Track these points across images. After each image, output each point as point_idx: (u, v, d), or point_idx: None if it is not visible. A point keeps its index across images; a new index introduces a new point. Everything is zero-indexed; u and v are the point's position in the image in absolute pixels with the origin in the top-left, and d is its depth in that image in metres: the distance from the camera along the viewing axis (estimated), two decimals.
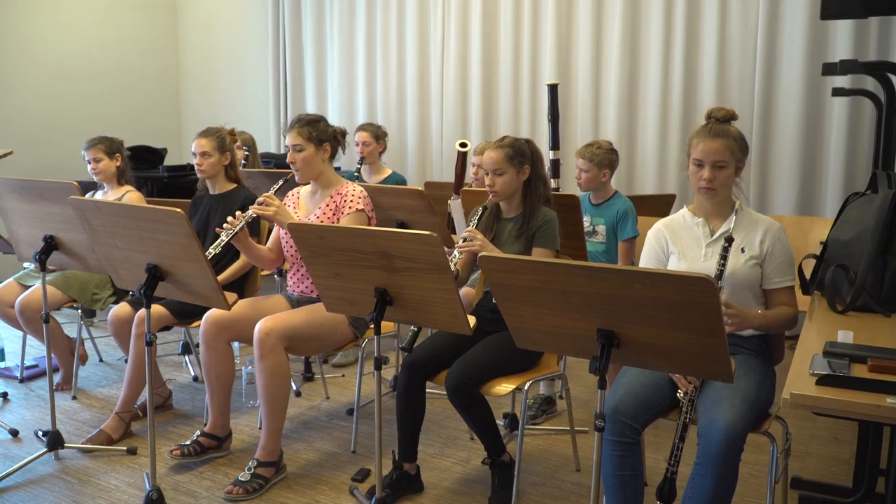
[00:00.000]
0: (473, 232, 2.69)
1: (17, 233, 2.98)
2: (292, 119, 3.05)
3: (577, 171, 3.58)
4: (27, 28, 6.18)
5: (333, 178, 3.09)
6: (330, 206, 3.02)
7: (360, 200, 2.98)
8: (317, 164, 3.01)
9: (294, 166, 2.99)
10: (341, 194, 3.01)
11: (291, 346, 2.79)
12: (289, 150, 2.98)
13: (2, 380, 3.98)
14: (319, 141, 2.98)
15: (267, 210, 2.77)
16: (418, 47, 6.02)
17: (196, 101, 7.37)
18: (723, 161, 2.26)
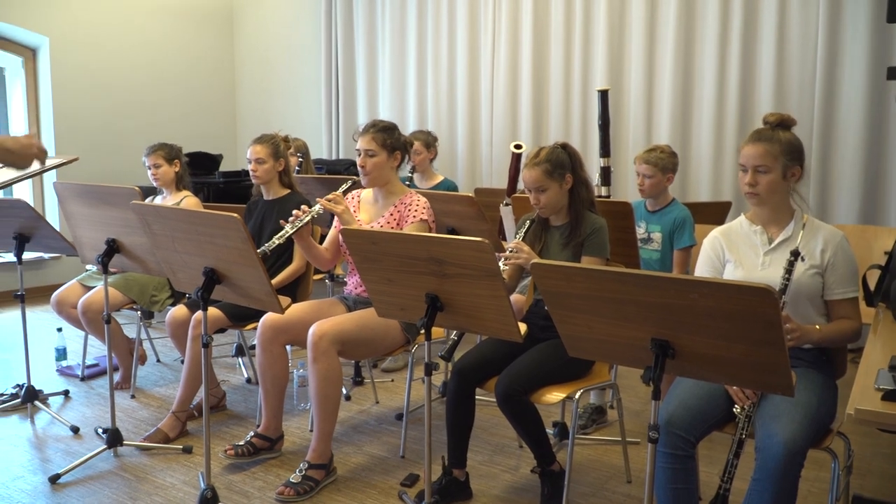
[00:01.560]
0: (519, 244, 2.67)
1: (80, 236, 3.08)
2: (366, 123, 3.07)
3: (639, 177, 3.50)
4: (92, 39, 6.40)
5: (398, 187, 3.11)
6: (394, 214, 3.04)
7: (423, 210, 3.00)
8: (386, 170, 3.03)
9: (363, 170, 3.01)
10: (405, 203, 3.03)
11: (344, 350, 2.81)
12: (360, 154, 3.00)
13: (64, 378, 4.11)
14: (392, 148, 3.01)
15: (336, 207, 2.81)
16: (469, 53, 6.04)
17: (251, 108, 7.52)
18: (764, 165, 2.22)
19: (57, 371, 4.19)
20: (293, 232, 2.84)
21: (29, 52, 6.29)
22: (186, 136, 6.15)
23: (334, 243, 3.15)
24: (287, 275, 3.43)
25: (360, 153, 3.01)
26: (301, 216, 2.85)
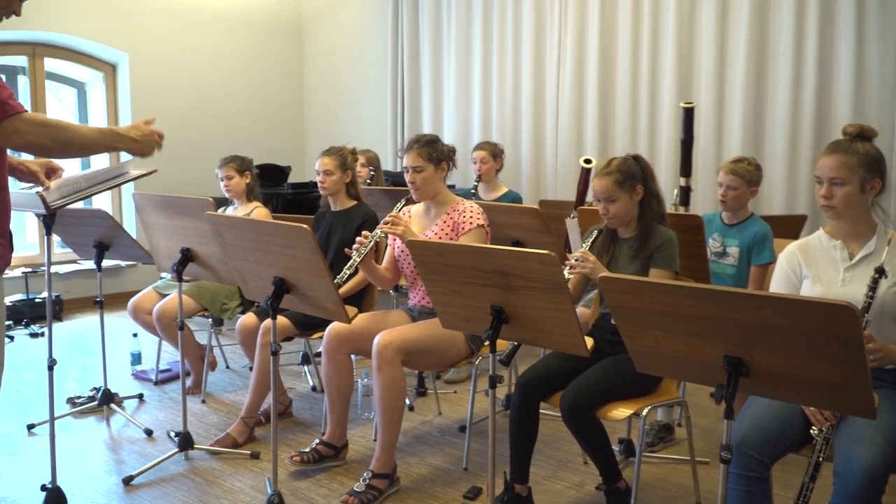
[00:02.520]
0: (586, 254, 2.64)
1: (157, 245, 3.19)
2: (410, 140, 3.12)
3: (721, 188, 3.39)
4: (168, 55, 6.65)
5: (448, 196, 3.14)
6: (447, 222, 3.06)
7: (479, 216, 3.02)
8: (435, 183, 3.07)
9: (413, 186, 3.06)
10: (458, 211, 3.05)
11: (409, 359, 2.83)
12: (408, 171, 3.04)
13: (138, 382, 4.25)
14: (438, 161, 3.05)
15: (395, 229, 2.83)
16: (534, 65, 6.02)
17: (318, 121, 7.67)
18: (839, 178, 2.14)
19: (132, 375, 4.34)
20: (360, 261, 2.90)
21: (109, 68, 6.57)
22: (256, 149, 6.31)
23: (392, 262, 3.19)
24: (353, 284, 3.48)
25: (407, 170, 3.06)
26: (364, 242, 2.90)
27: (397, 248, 3.14)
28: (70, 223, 3.39)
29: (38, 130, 2.04)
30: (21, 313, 5.57)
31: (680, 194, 3.78)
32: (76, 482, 2.98)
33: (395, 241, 3.16)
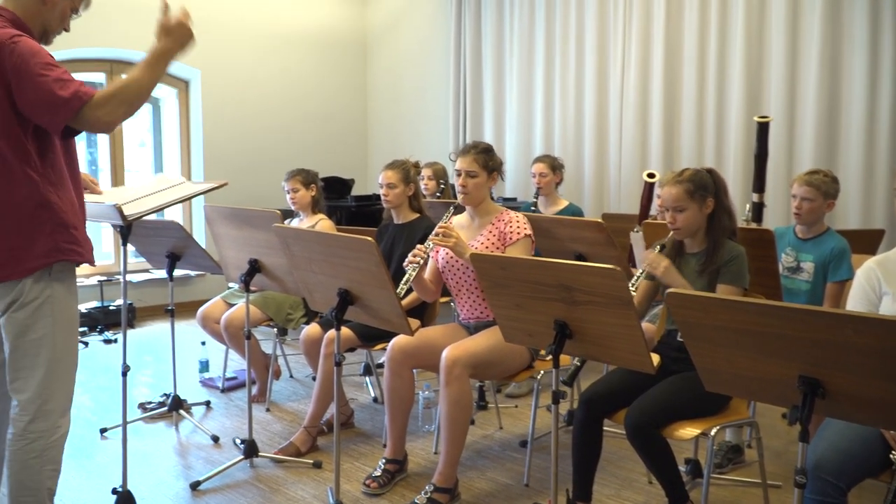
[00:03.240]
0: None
1: (226, 256, 3.27)
2: (466, 145, 3.12)
3: (795, 200, 3.28)
4: (238, 71, 6.84)
5: (492, 206, 3.14)
6: (493, 232, 3.05)
7: (525, 226, 3.02)
8: (485, 191, 3.08)
9: (463, 190, 3.05)
10: (503, 221, 3.04)
11: (475, 372, 2.84)
12: (460, 175, 3.05)
13: (206, 389, 4.36)
14: (491, 169, 3.06)
15: (447, 241, 2.83)
16: (597, 77, 5.98)
17: (381, 135, 7.77)
18: None
19: (200, 382, 4.45)
20: (415, 275, 2.92)
21: (182, 84, 6.80)
22: (321, 162, 6.41)
23: (436, 273, 3.18)
24: (415, 297, 3.49)
25: (459, 174, 3.06)
26: (420, 255, 2.91)
27: (441, 260, 3.14)
28: (144, 234, 3.50)
29: (113, 106, 2.09)
30: (96, 320, 5.78)
31: (752, 210, 3.68)
32: (145, 486, 3.06)
33: (438, 252, 3.15)
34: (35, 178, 2.13)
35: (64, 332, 2.26)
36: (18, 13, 2.17)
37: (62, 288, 2.24)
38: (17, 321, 2.20)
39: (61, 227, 2.18)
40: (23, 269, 2.16)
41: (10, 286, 2.18)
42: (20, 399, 2.23)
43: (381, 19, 7.71)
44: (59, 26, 2.28)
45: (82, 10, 2.34)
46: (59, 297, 2.23)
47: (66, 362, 2.28)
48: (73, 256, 2.21)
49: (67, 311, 2.27)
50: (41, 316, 2.20)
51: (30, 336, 2.20)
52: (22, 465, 2.23)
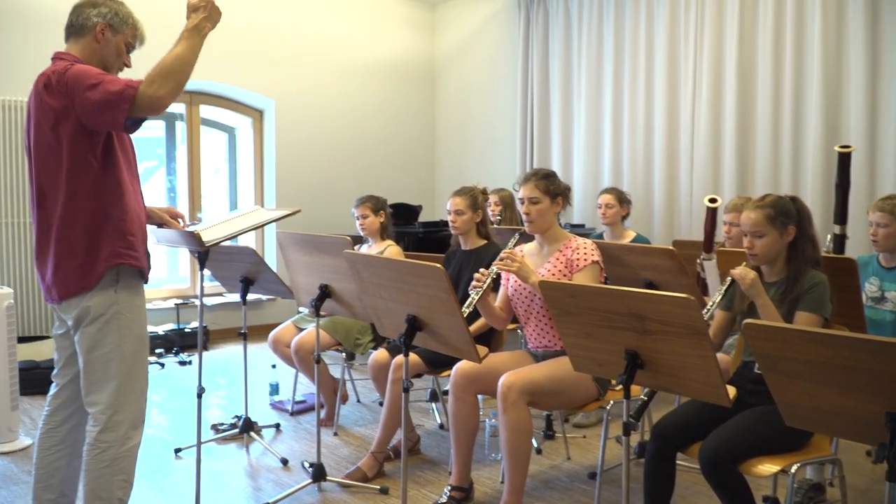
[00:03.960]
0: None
1: (297, 281, 3.33)
2: (527, 173, 3.12)
3: (871, 226, 3.17)
4: (310, 100, 7.03)
5: (560, 233, 3.11)
6: (560, 259, 3.03)
7: (593, 252, 2.97)
8: (549, 217, 3.06)
9: (528, 217, 3.05)
10: (571, 248, 3.01)
11: (535, 400, 2.80)
12: (523, 203, 3.04)
13: (276, 412, 4.43)
14: (554, 195, 3.04)
15: (511, 266, 2.83)
16: (667, 102, 5.91)
17: (449, 161, 7.84)
18: None
19: (270, 405, 4.53)
20: (479, 298, 2.90)
21: (257, 114, 7.02)
22: (389, 188, 6.52)
23: (505, 301, 3.16)
24: (483, 323, 3.49)
25: (523, 201, 3.05)
26: (482, 279, 2.90)
27: (510, 288, 3.13)
28: (220, 259, 3.61)
29: (161, 81, 2.18)
30: (172, 342, 5.96)
31: (834, 242, 3.56)
32: None
33: (509, 279, 3.14)
34: (97, 193, 2.30)
35: (132, 346, 2.39)
36: (78, 55, 2.38)
37: (128, 303, 2.38)
38: (88, 336, 2.35)
39: (119, 234, 2.33)
40: (91, 279, 2.31)
41: (78, 301, 2.33)
42: (93, 411, 2.37)
43: (449, 48, 7.82)
44: (116, 62, 2.45)
45: (137, 45, 2.51)
46: (126, 312, 2.37)
47: (135, 375, 2.41)
48: (130, 261, 2.35)
49: (135, 326, 2.40)
50: (110, 331, 2.35)
51: (100, 350, 2.35)
52: (94, 474, 2.36)
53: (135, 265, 2.37)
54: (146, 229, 2.53)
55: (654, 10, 6.01)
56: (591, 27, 6.44)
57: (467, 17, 7.64)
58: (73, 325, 2.38)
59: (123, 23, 2.42)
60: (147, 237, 2.53)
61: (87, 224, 2.30)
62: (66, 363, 2.51)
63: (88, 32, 2.38)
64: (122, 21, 2.42)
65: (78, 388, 2.44)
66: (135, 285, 2.41)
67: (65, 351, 2.51)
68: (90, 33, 2.38)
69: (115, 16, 2.41)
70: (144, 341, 2.45)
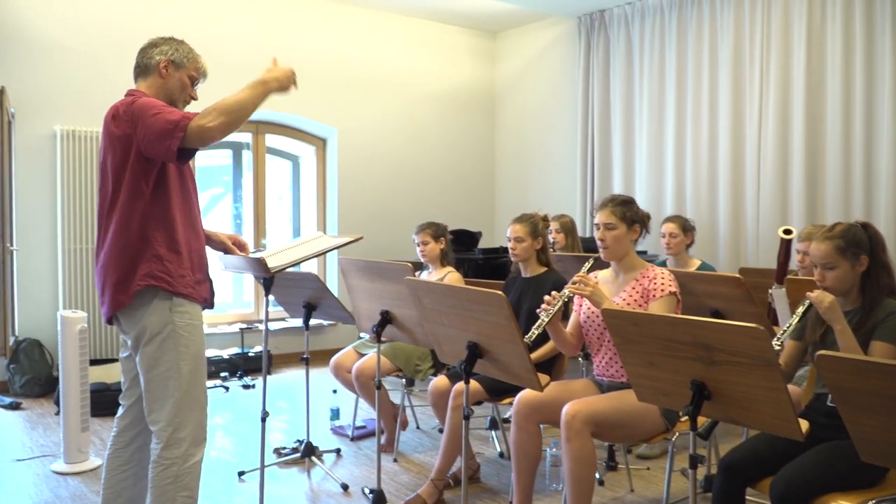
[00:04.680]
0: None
1: (359, 307, 3.38)
2: (604, 198, 3.08)
3: None
4: (371, 128, 7.16)
5: (637, 261, 3.06)
6: (636, 288, 2.97)
7: (671, 283, 2.91)
8: (625, 244, 3.01)
9: (602, 244, 3.01)
10: (648, 277, 2.96)
11: (598, 431, 2.75)
12: (598, 228, 3.01)
13: (336, 437, 4.47)
14: (631, 221, 2.99)
15: (584, 290, 2.80)
16: (732, 128, 5.81)
17: (508, 188, 7.86)
18: None
19: (331, 430, 4.57)
20: (548, 321, 2.86)
21: (320, 142, 7.18)
22: (449, 215, 6.57)
23: (577, 327, 3.12)
24: (544, 351, 3.46)
25: (598, 227, 3.01)
26: (553, 302, 2.86)
27: (582, 314, 3.09)
28: (284, 285, 3.68)
29: (214, 115, 2.31)
30: (236, 366, 6.08)
31: None
32: None
33: (582, 305, 3.11)
34: (145, 220, 2.41)
35: (189, 363, 2.47)
36: (145, 91, 2.53)
37: (184, 322, 2.46)
38: (147, 355, 2.45)
39: (156, 258, 2.43)
40: (127, 295, 2.41)
41: (134, 321, 2.44)
42: (155, 429, 2.46)
43: (508, 75, 7.87)
44: (182, 95, 2.59)
45: (201, 79, 2.64)
46: (182, 330, 2.46)
47: (193, 393, 2.48)
48: (162, 285, 2.43)
49: (192, 344, 2.48)
50: (167, 349, 2.44)
51: (159, 368, 2.44)
52: (159, 491, 2.44)
53: (167, 289, 2.44)
54: (202, 257, 2.60)
55: (718, 35, 5.93)
56: (653, 52, 6.39)
57: (527, 44, 7.69)
58: (132, 346, 2.49)
59: (185, 58, 2.56)
60: (204, 264, 2.61)
61: (130, 246, 2.42)
62: (131, 385, 2.61)
63: (153, 70, 2.53)
64: (183, 56, 2.56)
65: (142, 409, 2.53)
66: (189, 305, 2.50)
67: (129, 373, 2.61)
68: (155, 71, 2.53)
69: (176, 52, 2.55)
70: (202, 359, 2.53)
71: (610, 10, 6.76)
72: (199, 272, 2.57)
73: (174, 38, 2.60)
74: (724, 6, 5.88)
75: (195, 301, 2.52)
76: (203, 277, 2.58)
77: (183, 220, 2.52)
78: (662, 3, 6.31)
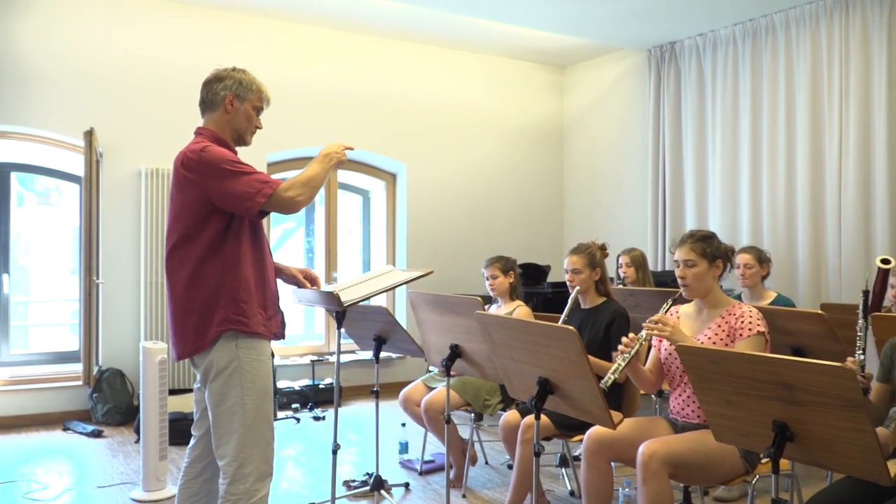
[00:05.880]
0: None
1: (428, 340, 3.39)
2: (684, 234, 3.03)
3: None
4: (440, 163, 7.24)
5: (722, 298, 2.97)
6: (722, 326, 2.89)
7: (759, 322, 2.81)
8: (707, 280, 2.93)
9: (683, 281, 2.94)
10: (734, 315, 2.87)
11: (676, 473, 2.67)
12: (678, 266, 2.95)
13: (405, 470, 4.46)
14: (713, 257, 2.92)
15: (663, 331, 2.74)
16: (810, 159, 5.64)
17: (577, 221, 7.80)
18: None
19: (399, 463, 4.57)
20: (626, 365, 2.80)
21: (390, 177, 7.30)
22: (518, 248, 6.57)
23: (657, 364, 3.05)
24: None
25: (678, 264, 2.94)
26: (631, 345, 2.80)
27: (664, 351, 3.02)
28: (355, 318, 3.74)
29: (298, 189, 2.48)
30: (307, 397, 6.17)
31: None
32: None
33: (662, 342, 3.04)
34: (216, 262, 2.47)
35: (254, 399, 2.50)
36: (213, 128, 2.61)
37: (249, 358, 2.50)
38: (214, 391, 2.50)
39: (232, 301, 2.47)
40: (205, 342, 2.46)
41: (203, 357, 2.49)
42: (222, 464, 2.50)
43: (577, 108, 7.86)
44: (248, 126, 2.66)
45: (265, 106, 2.71)
46: (247, 366, 2.49)
47: (259, 428, 2.50)
48: (240, 327, 2.47)
49: (258, 379, 2.52)
50: (233, 384, 2.48)
51: (225, 404, 2.48)
52: None
53: (244, 331, 2.48)
54: (273, 292, 2.65)
55: (794, 62, 5.80)
56: (727, 82, 6.29)
57: (596, 77, 7.68)
58: (201, 380, 2.55)
59: (247, 90, 2.62)
60: (276, 298, 2.65)
61: (202, 289, 2.47)
62: (202, 416, 2.66)
63: (219, 106, 2.60)
64: (246, 89, 2.62)
65: (210, 442, 2.57)
66: (256, 341, 2.53)
67: (200, 404, 2.66)
68: (220, 106, 2.60)
69: (239, 85, 2.61)
70: (268, 394, 2.56)
71: (680, 41, 6.71)
72: (272, 307, 2.61)
73: (237, 69, 2.65)
74: (799, 33, 5.76)
75: (265, 338, 2.56)
76: (274, 312, 2.63)
77: (254, 258, 2.56)
78: (735, 33, 6.22)
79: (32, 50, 5.47)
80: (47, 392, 5.56)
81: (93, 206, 5.42)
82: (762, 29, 6.02)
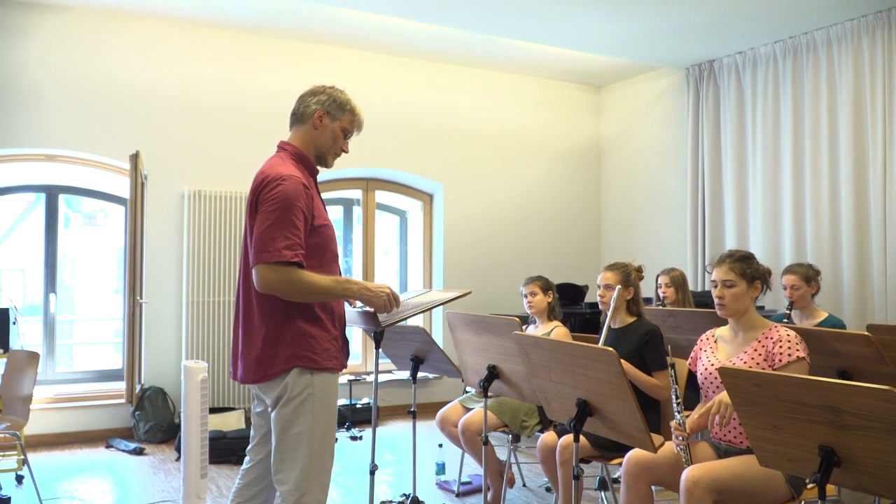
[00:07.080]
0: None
1: (465, 361, 3.39)
2: (722, 254, 2.99)
3: None
4: (477, 182, 7.26)
5: (758, 320, 2.92)
6: (759, 350, 2.83)
7: (798, 347, 2.75)
8: (745, 301, 2.88)
9: (720, 301, 2.90)
10: (772, 339, 2.81)
11: (720, 499, 2.61)
12: (716, 286, 2.91)
13: (442, 492, 4.44)
14: (752, 278, 2.88)
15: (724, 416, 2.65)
16: (854, 176, 5.53)
17: (615, 240, 7.74)
18: None
19: (436, 484, 4.55)
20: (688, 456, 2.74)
21: (427, 197, 7.34)
22: (555, 268, 6.54)
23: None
24: (643, 384, 3.33)
25: (716, 284, 2.90)
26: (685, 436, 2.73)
27: (700, 373, 2.97)
28: (393, 338, 3.75)
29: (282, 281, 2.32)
30: (344, 417, 6.18)
31: None
32: None
33: (699, 362, 3.00)
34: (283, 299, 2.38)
35: (322, 428, 2.45)
36: (297, 144, 2.54)
37: (322, 387, 2.45)
38: (283, 416, 2.43)
39: (300, 337, 2.40)
40: (268, 375, 2.41)
41: (277, 382, 2.43)
42: (281, 489, 2.44)
43: (614, 127, 7.84)
44: (332, 147, 2.57)
45: (355, 131, 2.63)
46: (320, 395, 2.44)
47: (322, 458, 2.46)
48: (307, 364, 2.41)
49: (327, 409, 2.47)
50: (303, 412, 2.42)
51: (293, 430, 2.42)
52: None
53: (310, 367, 2.42)
54: (342, 319, 2.58)
55: (837, 80, 5.71)
56: (767, 100, 6.21)
57: (633, 96, 7.66)
58: (271, 404, 2.47)
59: (340, 109, 2.54)
60: (344, 326, 2.59)
61: (269, 320, 2.41)
62: (261, 441, 2.60)
63: (308, 120, 2.53)
64: (339, 108, 2.54)
65: (269, 466, 2.53)
66: (330, 374, 2.48)
67: (260, 429, 2.60)
68: (309, 120, 2.53)
69: (333, 102, 2.54)
70: (334, 424, 2.50)
71: (719, 59, 6.66)
72: (342, 337, 2.56)
73: (334, 87, 2.57)
74: (841, 50, 5.68)
75: (335, 371, 2.51)
76: (343, 342, 2.57)
77: None
78: (775, 51, 6.16)
79: (82, 77, 5.64)
80: (91, 410, 5.67)
81: (137, 227, 5.55)
82: (803, 46, 5.95)
